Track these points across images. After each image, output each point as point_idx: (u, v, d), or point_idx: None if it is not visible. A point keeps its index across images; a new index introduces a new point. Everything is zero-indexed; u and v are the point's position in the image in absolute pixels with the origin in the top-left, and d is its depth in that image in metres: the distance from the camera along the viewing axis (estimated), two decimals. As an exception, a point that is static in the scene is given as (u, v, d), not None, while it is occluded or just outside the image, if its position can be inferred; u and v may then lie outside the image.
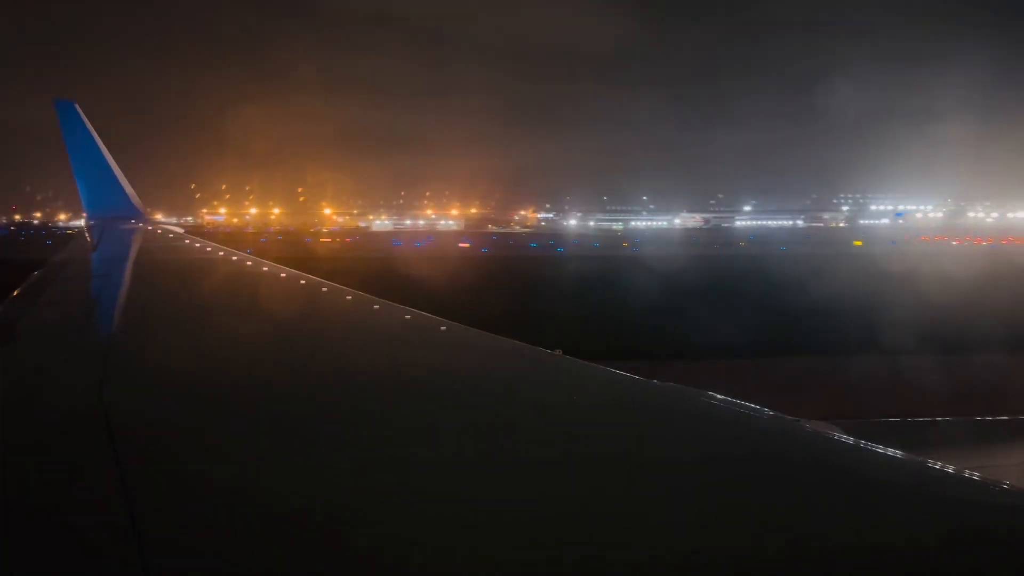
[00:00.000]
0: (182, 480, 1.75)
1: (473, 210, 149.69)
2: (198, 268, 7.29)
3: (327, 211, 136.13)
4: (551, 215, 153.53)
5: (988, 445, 4.26)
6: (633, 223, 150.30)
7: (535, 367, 3.20)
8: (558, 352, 3.28)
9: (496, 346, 3.51)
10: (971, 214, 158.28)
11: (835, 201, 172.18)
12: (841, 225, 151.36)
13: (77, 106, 12.11)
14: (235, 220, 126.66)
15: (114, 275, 6.73)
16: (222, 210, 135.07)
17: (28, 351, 3.43)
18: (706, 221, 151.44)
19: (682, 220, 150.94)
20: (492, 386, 2.90)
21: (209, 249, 8.58)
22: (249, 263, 7.34)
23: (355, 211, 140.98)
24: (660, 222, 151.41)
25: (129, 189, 12.52)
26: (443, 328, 3.79)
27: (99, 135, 12.25)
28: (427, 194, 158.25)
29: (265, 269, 6.76)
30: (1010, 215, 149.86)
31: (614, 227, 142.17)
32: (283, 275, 6.28)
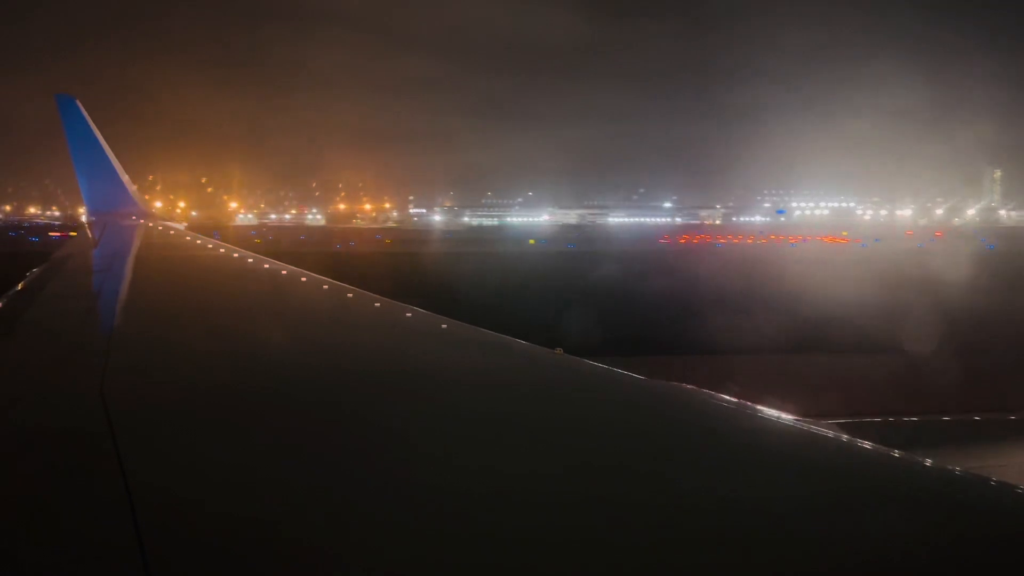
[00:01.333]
0: (184, 478, 1.75)
1: (342, 206, 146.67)
2: (199, 264, 7.32)
3: (232, 204, 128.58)
4: (422, 211, 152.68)
5: (983, 444, 4.31)
6: (509, 219, 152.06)
7: (535, 365, 3.20)
8: (559, 351, 3.27)
9: (495, 343, 3.50)
10: (860, 211, 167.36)
11: (758, 198, 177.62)
12: (717, 223, 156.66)
13: (78, 101, 12.08)
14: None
15: (115, 271, 6.77)
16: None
17: (29, 347, 3.43)
18: (580, 217, 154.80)
19: (552, 216, 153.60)
20: (492, 384, 2.90)
21: (210, 246, 8.60)
22: (250, 260, 7.37)
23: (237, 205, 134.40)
24: (538, 218, 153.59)
25: (130, 185, 12.51)
26: (444, 326, 3.80)
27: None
28: (315, 189, 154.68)
29: (266, 266, 6.83)
30: (898, 212, 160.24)
31: (485, 223, 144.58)
32: (284, 272, 6.32)
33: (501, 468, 1.88)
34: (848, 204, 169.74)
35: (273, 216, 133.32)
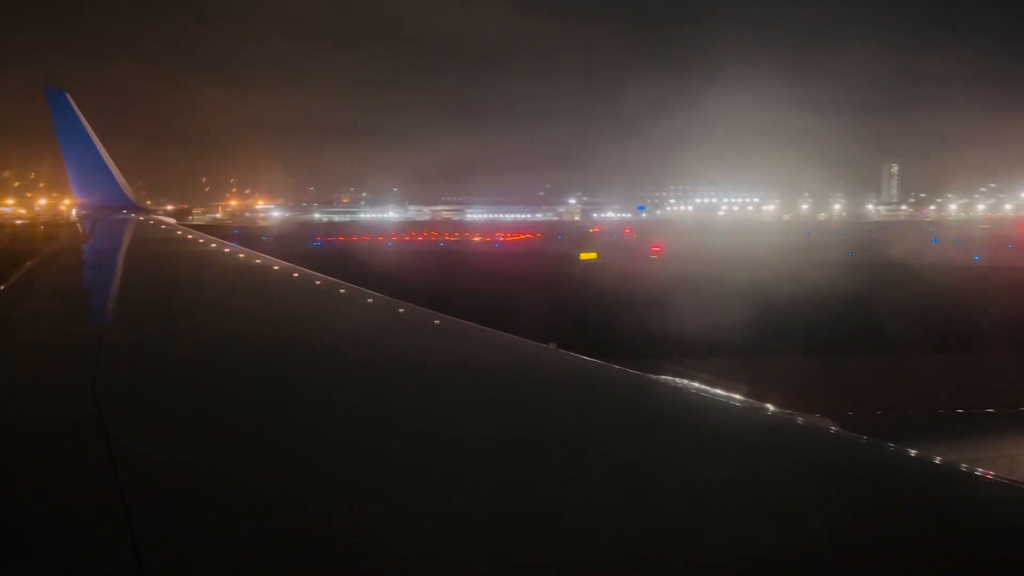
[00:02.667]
0: (177, 475, 1.73)
1: (233, 202, 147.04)
2: (192, 259, 7.30)
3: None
4: (269, 207, 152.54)
5: (979, 438, 4.32)
6: (362, 215, 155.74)
7: (528, 360, 3.19)
8: (551, 346, 3.27)
9: (488, 338, 3.51)
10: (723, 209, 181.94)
11: (664, 195, 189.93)
12: (576, 219, 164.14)
13: (68, 95, 11.97)
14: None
15: (106, 265, 6.74)
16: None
17: (18, 344, 3.40)
18: (435, 213, 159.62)
19: (404, 213, 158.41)
20: (485, 379, 2.90)
21: (202, 240, 8.56)
22: (242, 255, 7.34)
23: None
24: (393, 214, 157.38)
25: (121, 179, 12.43)
26: (436, 321, 3.82)
27: None
28: (207, 187, 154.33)
29: (258, 261, 6.79)
30: (764, 208, 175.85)
31: (335, 220, 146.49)
32: (276, 267, 6.33)
33: (492, 463, 1.88)
34: (713, 200, 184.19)
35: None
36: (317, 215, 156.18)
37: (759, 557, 1.42)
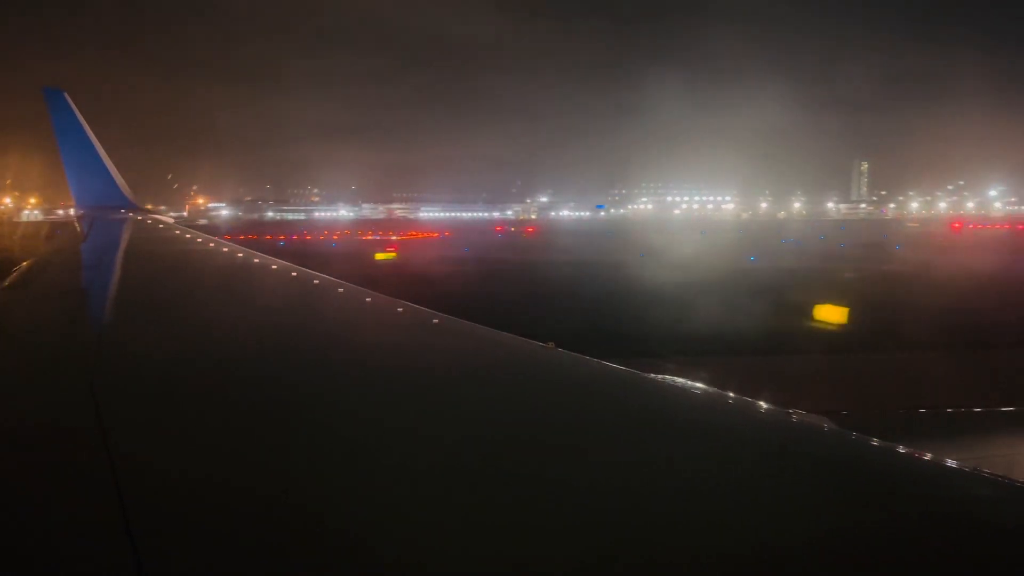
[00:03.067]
0: (175, 476, 1.71)
1: (200, 200, 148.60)
2: (190, 259, 7.21)
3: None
4: (220, 204, 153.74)
5: (981, 437, 4.24)
6: (317, 214, 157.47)
7: (527, 360, 3.17)
8: (550, 345, 3.28)
9: (487, 338, 3.47)
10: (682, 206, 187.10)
11: (636, 192, 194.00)
12: (533, 217, 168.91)
13: (66, 95, 11.80)
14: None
15: (104, 266, 6.67)
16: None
17: (16, 345, 3.37)
18: (390, 212, 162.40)
19: (363, 211, 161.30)
20: (484, 379, 2.88)
21: (200, 240, 8.50)
22: (241, 254, 7.26)
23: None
24: (345, 212, 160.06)
25: (119, 179, 12.34)
26: (435, 321, 3.79)
27: None
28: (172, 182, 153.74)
29: (257, 261, 6.69)
30: (723, 206, 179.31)
31: (288, 217, 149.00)
32: (274, 267, 6.23)
33: (497, 464, 1.87)
34: (676, 199, 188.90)
35: (61, 212, 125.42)
36: (270, 213, 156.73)
37: (760, 555, 1.42)
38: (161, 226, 10.39)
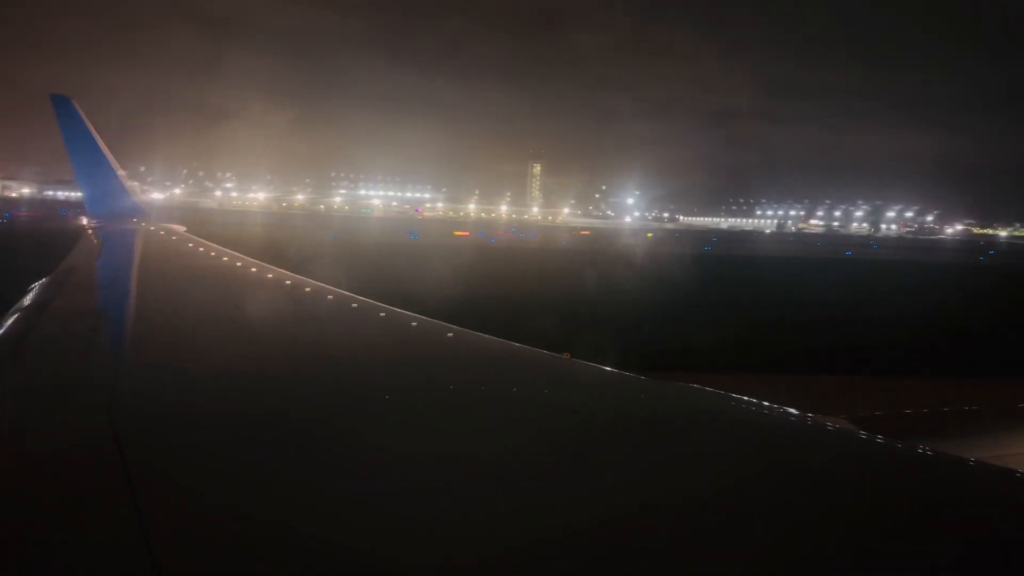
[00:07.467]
0: (194, 499, 1.73)
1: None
2: (205, 274, 7.21)
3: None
4: None
5: (999, 435, 4.30)
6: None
7: (544, 370, 3.19)
8: (566, 355, 3.27)
9: (503, 349, 3.50)
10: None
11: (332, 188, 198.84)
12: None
13: (74, 102, 11.80)
14: None
15: (120, 284, 6.64)
16: None
17: (37, 364, 3.37)
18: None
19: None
20: (502, 390, 2.89)
21: (213, 253, 8.45)
22: (254, 268, 7.23)
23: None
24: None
25: (129, 186, 12.35)
26: (450, 335, 3.80)
27: None
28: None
29: (270, 276, 6.68)
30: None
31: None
32: (288, 281, 6.22)
33: (516, 472, 1.88)
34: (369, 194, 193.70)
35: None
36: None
37: (780, 556, 1.45)
38: (174, 238, 10.40)
